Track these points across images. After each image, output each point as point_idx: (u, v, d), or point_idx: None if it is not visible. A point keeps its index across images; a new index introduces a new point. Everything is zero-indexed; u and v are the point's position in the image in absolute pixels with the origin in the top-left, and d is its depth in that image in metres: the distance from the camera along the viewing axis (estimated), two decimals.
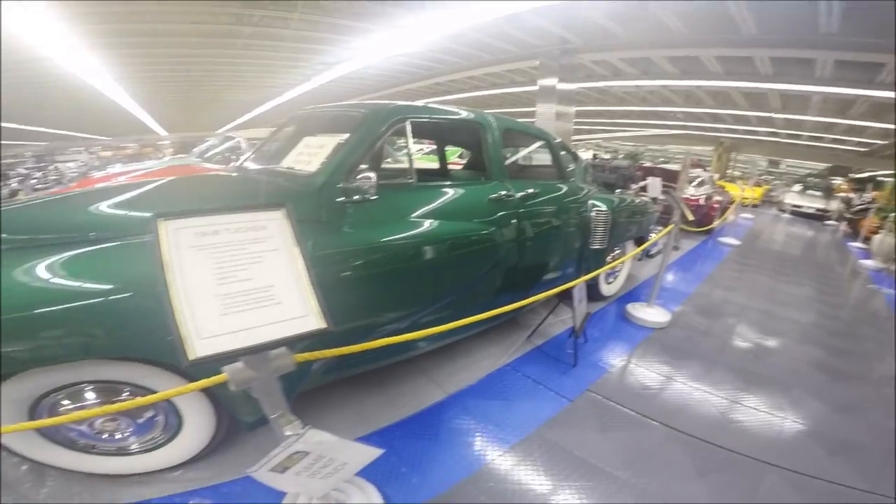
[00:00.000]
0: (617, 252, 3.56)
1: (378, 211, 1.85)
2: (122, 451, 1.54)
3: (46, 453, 1.46)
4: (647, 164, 9.92)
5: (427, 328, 1.70)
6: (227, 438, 1.70)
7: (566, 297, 2.85)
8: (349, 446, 1.15)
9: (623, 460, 1.81)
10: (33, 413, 1.37)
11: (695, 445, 1.95)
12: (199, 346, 0.83)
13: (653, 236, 3.90)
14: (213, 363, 0.85)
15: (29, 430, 1.39)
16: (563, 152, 3.13)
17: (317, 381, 1.77)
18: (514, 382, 2.33)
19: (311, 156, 1.93)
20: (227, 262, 0.92)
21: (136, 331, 1.27)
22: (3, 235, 1.39)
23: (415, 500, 1.55)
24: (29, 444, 1.43)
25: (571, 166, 3.22)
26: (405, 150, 2.15)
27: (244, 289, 0.91)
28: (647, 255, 4.09)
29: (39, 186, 9.89)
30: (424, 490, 1.60)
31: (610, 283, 3.66)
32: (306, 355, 1.19)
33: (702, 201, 6.93)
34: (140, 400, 1.20)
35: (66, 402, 1.39)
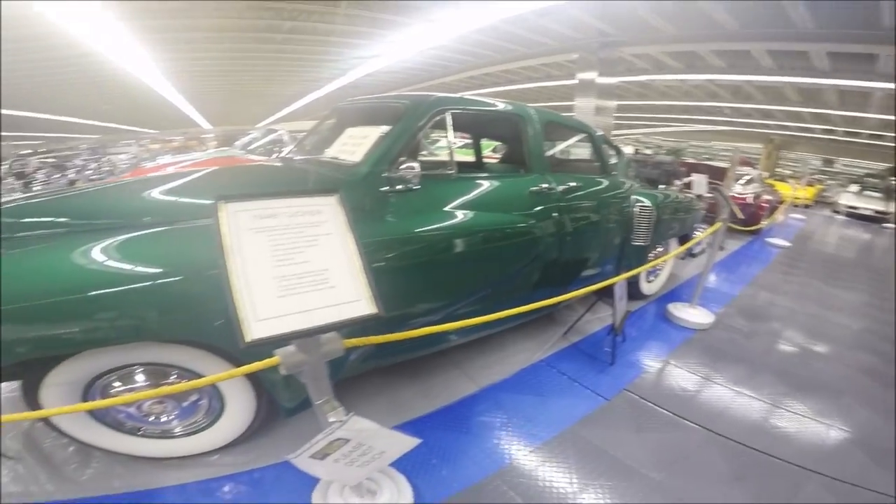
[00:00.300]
0: (659, 250, 3.44)
1: (419, 201, 1.85)
2: (166, 434, 1.59)
3: (95, 435, 1.51)
4: (690, 161, 9.51)
5: (463, 320, 1.69)
6: (263, 425, 1.72)
7: (605, 294, 2.77)
8: (389, 435, 1.15)
9: (658, 462, 1.76)
10: (86, 394, 1.41)
11: (733, 449, 1.88)
12: (255, 328, 0.84)
13: (697, 235, 3.74)
14: (268, 346, 0.86)
15: (81, 411, 1.42)
16: (605, 146, 3.03)
17: (353, 369, 1.78)
18: (548, 378, 2.29)
19: (354, 146, 1.95)
20: (283, 245, 0.93)
21: (186, 314, 1.29)
22: (63, 220, 1.47)
23: (444, 492, 1.54)
24: (80, 426, 1.48)
25: (614, 160, 3.12)
26: (438, 143, 2.13)
27: (300, 271, 0.93)
28: (690, 254, 3.91)
29: (94, 177, 10.49)
30: (454, 482, 1.59)
31: (651, 282, 3.53)
32: (354, 341, 1.19)
33: (750, 200, 6.57)
34: (191, 383, 1.24)
35: (117, 384, 1.44)
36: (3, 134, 21.80)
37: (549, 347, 2.63)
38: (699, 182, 3.60)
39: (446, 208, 1.93)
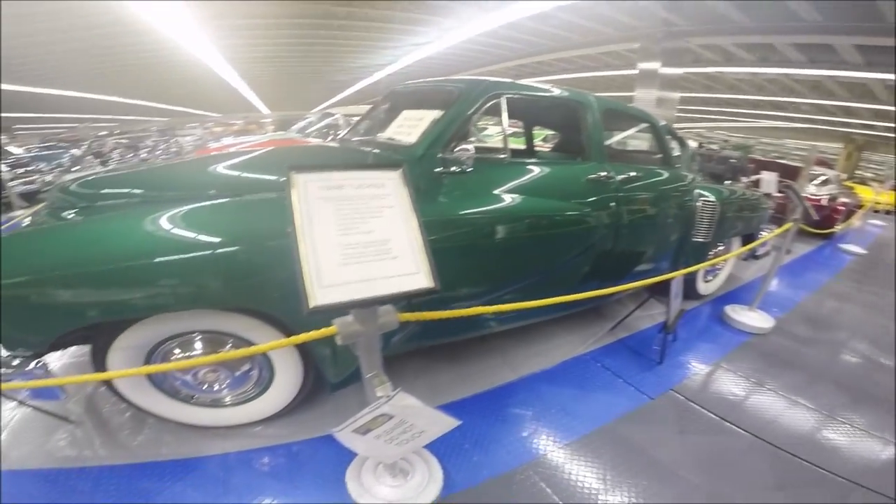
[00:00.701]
0: (720, 249, 3.26)
1: (473, 184, 1.84)
2: (216, 403, 1.65)
3: (152, 400, 1.59)
4: (759, 158, 8.83)
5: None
6: (305, 400, 1.76)
7: (657, 291, 2.66)
8: (431, 414, 1.16)
9: (699, 464, 1.69)
10: (148, 360, 1.48)
11: (779, 457, 1.79)
12: (319, 294, 0.87)
13: (763, 235, 3.48)
14: (329, 314, 0.89)
15: (142, 376, 1.51)
16: (668, 137, 2.87)
17: (396, 349, 1.81)
18: (591, 373, 2.24)
19: (410, 128, 1.97)
20: (349, 215, 0.96)
21: (245, 282, 1.33)
22: (137, 191, 1.58)
23: (474, 478, 1.54)
24: (139, 391, 1.56)
25: (677, 152, 2.95)
26: (486, 131, 2.11)
27: (364, 240, 0.95)
28: (752, 255, 3.65)
29: (163, 157, 11.29)
30: (485, 469, 1.58)
31: (708, 282, 3.36)
32: (408, 315, 1.21)
33: (824, 202, 6.03)
34: (248, 349, 1.29)
35: (177, 350, 1.51)
36: (82, 116, 23.92)
37: (595, 342, 2.56)
38: (769, 180, 3.35)
39: (499, 192, 1.91)
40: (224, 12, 9.13)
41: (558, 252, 2.09)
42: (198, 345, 1.53)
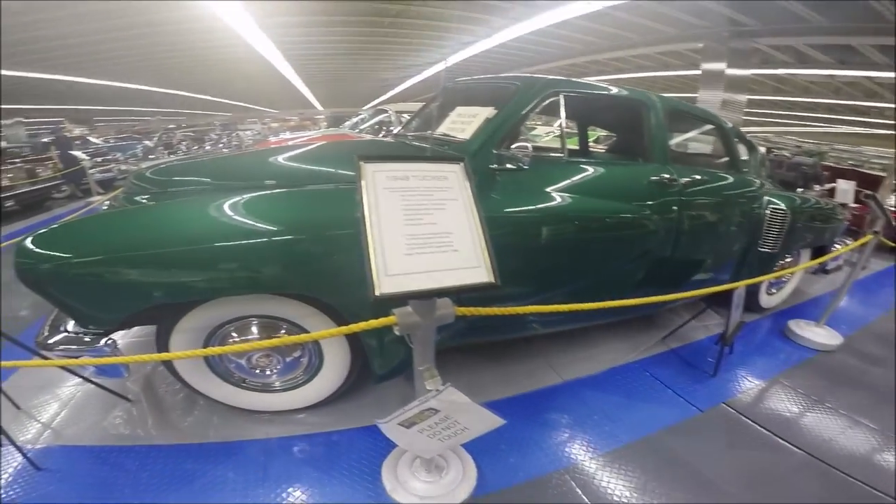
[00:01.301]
0: (787, 260, 3.05)
1: (528, 182, 1.82)
2: (266, 388, 1.72)
3: (206, 382, 1.66)
4: (833, 165, 8.13)
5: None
6: (349, 390, 1.80)
7: (715, 301, 2.52)
8: (477, 411, 1.16)
9: (746, 481, 1.61)
10: (208, 342, 1.55)
11: (832, 477, 1.68)
12: (384, 282, 0.90)
13: (836, 248, 3.21)
14: (391, 302, 0.91)
15: (200, 359, 1.58)
16: (735, 140, 2.71)
17: (441, 344, 1.81)
18: (639, 381, 2.16)
19: (464, 124, 1.97)
20: (413, 205, 0.99)
21: (302, 270, 1.38)
22: (204, 179, 1.69)
23: (508, 480, 1.52)
24: (196, 373, 1.63)
25: (745, 156, 2.78)
26: (535, 130, 2.09)
27: (428, 231, 0.97)
28: (822, 269, 3.37)
29: (225, 150, 11.99)
30: (520, 471, 1.55)
31: (772, 295, 3.14)
32: (464, 310, 1.22)
33: None
34: (303, 336, 1.35)
35: (234, 334, 1.58)
36: (153, 110, 25.77)
37: (645, 350, 2.45)
38: (845, 189, 3.08)
39: (555, 191, 1.87)
40: (281, 10, 9.50)
41: (614, 255, 2.03)
42: (254, 329, 1.60)
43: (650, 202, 2.06)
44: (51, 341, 1.43)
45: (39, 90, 15.88)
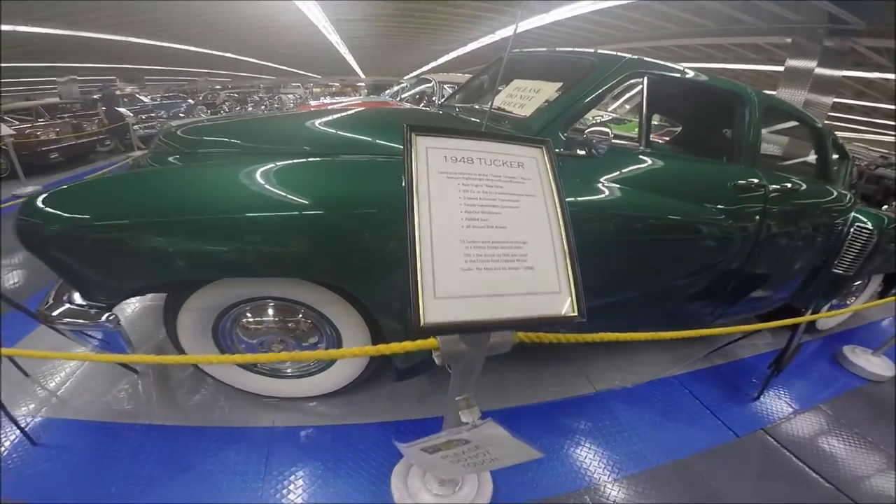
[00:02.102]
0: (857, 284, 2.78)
1: (598, 172, 1.55)
2: (277, 373, 1.61)
3: (218, 365, 1.56)
4: None
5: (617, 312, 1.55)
6: (364, 383, 1.69)
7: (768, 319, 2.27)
8: (515, 444, 0.92)
9: None
10: (219, 321, 1.44)
11: None
12: (432, 308, 0.63)
13: None
14: (442, 334, 0.65)
15: (208, 338, 1.45)
16: (830, 146, 2.33)
17: None
18: (676, 398, 2.01)
19: (523, 99, 1.71)
20: (477, 199, 0.70)
21: (331, 251, 1.19)
22: (235, 141, 1.53)
23: (524, 495, 1.41)
24: (203, 352, 1.50)
25: (836, 166, 2.39)
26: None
27: (494, 238, 0.69)
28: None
29: (266, 112, 11.99)
30: (537, 487, 1.43)
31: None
32: (524, 335, 0.96)
33: None
34: (329, 352, 1.24)
35: (248, 315, 1.46)
36: (201, 70, 26.28)
37: (687, 365, 2.24)
38: None
39: (627, 185, 1.60)
40: None
41: (680, 263, 1.79)
42: (269, 311, 1.45)
43: (731, 208, 1.78)
44: (54, 313, 1.29)
45: (94, 49, 16.30)
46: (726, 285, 1.99)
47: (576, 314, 0.71)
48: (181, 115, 10.15)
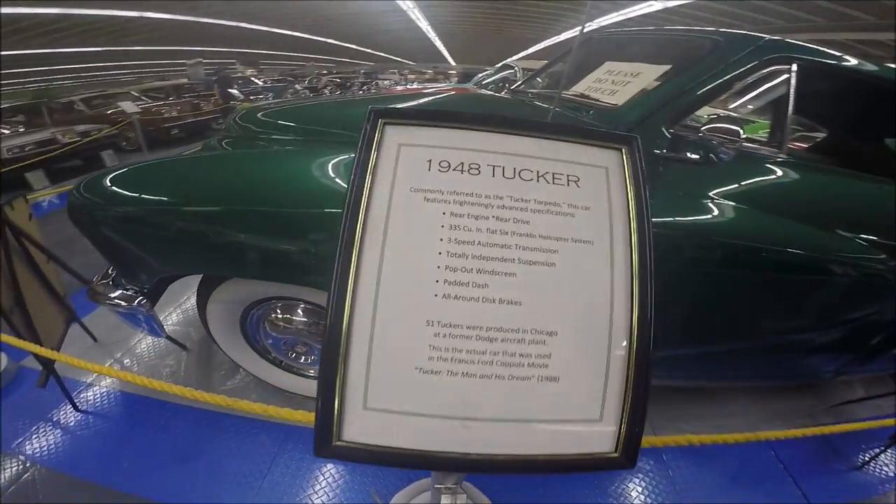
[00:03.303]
0: None
1: (713, 184, 1.15)
2: (299, 372, 1.55)
3: (242, 355, 1.51)
4: None
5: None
6: None
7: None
8: None
9: None
10: (247, 315, 1.35)
11: None
12: (354, 421, 0.37)
13: None
14: (368, 463, 0.38)
15: (237, 331, 1.40)
16: None
17: None
18: (753, 460, 1.62)
19: (615, 84, 1.37)
20: (475, 243, 0.39)
21: None
22: (308, 127, 1.39)
23: None
24: (233, 347, 1.47)
25: None
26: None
27: (493, 322, 0.36)
28: None
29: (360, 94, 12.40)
30: None
31: None
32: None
33: None
34: None
35: (279, 311, 1.37)
36: (310, 56, 28.26)
37: (782, 423, 1.79)
38: None
39: (753, 203, 1.18)
40: None
41: (815, 311, 1.36)
42: (299, 311, 1.36)
43: (890, 242, 1.28)
44: (102, 291, 1.30)
45: (220, 34, 18.14)
46: (868, 339, 1.52)
47: (617, 454, 0.37)
48: (288, 97, 10.82)
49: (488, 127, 0.44)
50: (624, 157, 0.45)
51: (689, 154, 1.09)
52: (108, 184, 1.10)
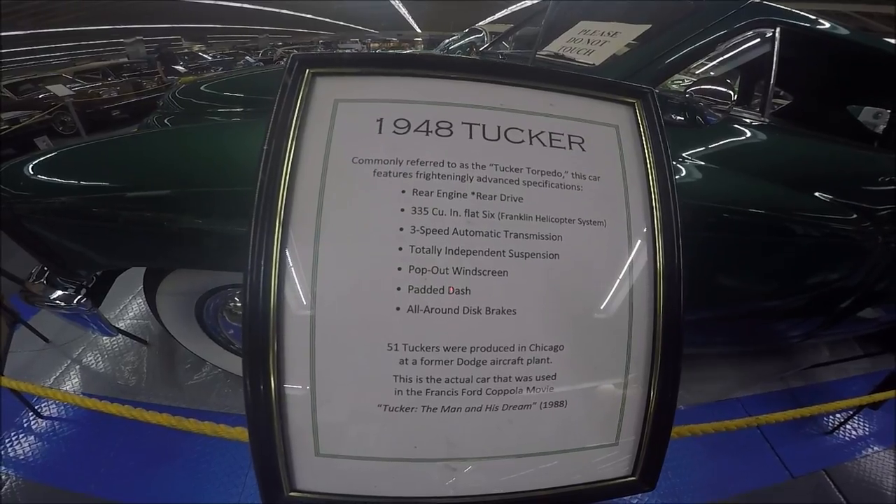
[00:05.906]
0: None
1: (702, 147, 1.12)
2: None
3: (204, 348, 1.44)
4: None
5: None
6: None
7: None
8: None
9: None
10: (202, 305, 1.27)
11: None
12: (307, 469, 0.28)
13: None
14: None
15: (193, 322, 1.31)
16: None
17: None
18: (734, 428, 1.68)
19: (591, 44, 1.32)
20: (448, 233, 0.28)
21: None
22: (248, 97, 1.36)
23: None
24: (193, 339, 1.40)
25: None
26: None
27: (478, 341, 0.27)
28: None
29: None
30: None
31: None
32: None
33: None
34: None
35: (236, 300, 1.28)
36: (262, 27, 26.74)
37: (757, 387, 1.88)
38: None
39: (740, 168, 1.18)
40: None
41: (792, 276, 1.40)
42: None
43: (879, 210, 1.33)
44: (38, 292, 1.18)
45: (160, 9, 16.76)
46: (836, 304, 1.58)
47: (635, 477, 0.30)
48: (240, 70, 10.26)
49: (461, 73, 0.33)
50: (638, 112, 0.35)
51: (674, 116, 1.02)
52: (31, 172, 0.99)
